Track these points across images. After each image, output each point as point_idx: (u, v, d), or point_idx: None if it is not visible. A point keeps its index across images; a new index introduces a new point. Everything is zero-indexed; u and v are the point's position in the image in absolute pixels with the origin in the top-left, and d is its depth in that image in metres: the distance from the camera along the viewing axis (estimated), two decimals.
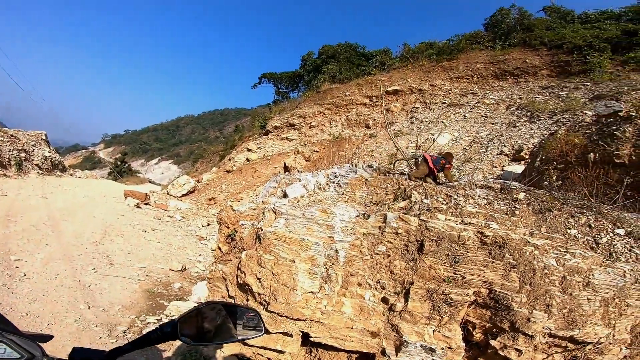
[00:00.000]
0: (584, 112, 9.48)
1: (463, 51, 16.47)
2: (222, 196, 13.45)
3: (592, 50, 12.79)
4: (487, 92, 14.02)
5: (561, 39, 14.07)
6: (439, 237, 2.58)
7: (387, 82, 17.08)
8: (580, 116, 9.38)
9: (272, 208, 3.02)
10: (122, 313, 4.54)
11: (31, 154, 14.64)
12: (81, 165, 62.23)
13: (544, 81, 13.41)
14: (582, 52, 13.02)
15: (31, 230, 6.58)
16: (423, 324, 2.73)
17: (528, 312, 2.44)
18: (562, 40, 13.99)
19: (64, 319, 4.02)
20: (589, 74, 12.21)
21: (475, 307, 2.70)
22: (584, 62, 12.75)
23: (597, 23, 14.99)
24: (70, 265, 5.48)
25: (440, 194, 2.93)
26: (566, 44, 13.73)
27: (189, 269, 6.82)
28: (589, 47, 12.96)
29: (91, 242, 6.83)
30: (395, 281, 2.74)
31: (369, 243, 2.74)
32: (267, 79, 26.61)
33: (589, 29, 14.30)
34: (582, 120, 8.46)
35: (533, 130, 9.98)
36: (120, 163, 39.11)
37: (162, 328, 0.96)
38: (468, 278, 2.55)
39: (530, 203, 2.88)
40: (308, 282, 2.75)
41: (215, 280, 3.40)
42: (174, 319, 0.98)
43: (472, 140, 10.87)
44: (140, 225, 9.06)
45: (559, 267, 2.49)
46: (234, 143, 21.70)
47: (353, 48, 22.59)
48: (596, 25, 14.65)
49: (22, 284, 4.57)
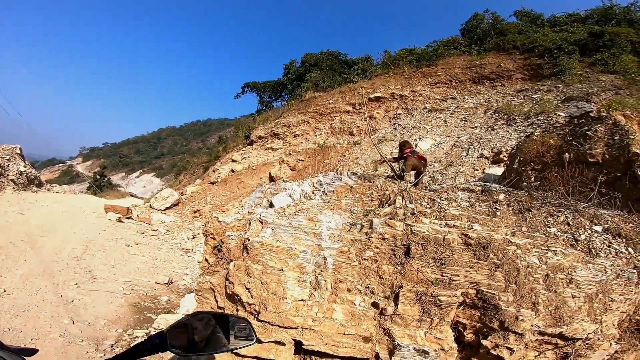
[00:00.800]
0: (557, 113, 9.86)
1: (441, 57, 16.93)
2: (207, 208, 13.27)
3: (562, 52, 13.35)
4: (465, 96, 14.43)
5: (532, 43, 14.65)
6: (425, 240, 2.63)
7: (369, 89, 17.36)
8: (554, 118, 9.75)
9: (259, 218, 3.01)
10: (109, 327, 4.45)
11: (6, 169, 14.10)
12: (59, 180, 60.21)
13: (518, 84, 13.91)
14: (553, 54, 13.58)
15: (8, 247, 6.37)
16: (414, 327, 2.75)
17: (516, 311, 2.49)
18: (533, 43, 14.56)
19: (48, 334, 3.93)
20: (560, 76, 12.73)
21: (464, 308, 2.74)
22: (554, 65, 13.29)
23: (565, 26, 15.72)
24: (51, 281, 5.36)
25: (424, 198, 3.00)
26: (537, 48, 14.29)
27: (176, 281, 6.70)
28: (558, 50, 13.53)
29: (72, 257, 6.64)
30: (384, 285, 2.77)
31: (357, 249, 2.77)
32: (250, 89, 26.61)
33: (558, 32, 14.97)
34: (556, 122, 8.80)
35: (510, 132, 10.31)
36: (99, 177, 38.08)
37: (151, 339, 0.94)
38: (455, 279, 2.60)
39: (510, 204, 2.98)
40: (297, 290, 2.74)
41: (204, 291, 3.34)
42: (162, 330, 0.97)
43: (454, 145, 11.13)
44: (123, 239, 8.84)
45: (541, 265, 2.56)
46: (218, 154, 21.51)
47: (335, 56, 22.89)
48: (564, 28, 15.35)
49: (1, 299, 4.45)
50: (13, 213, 9.48)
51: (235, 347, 1.16)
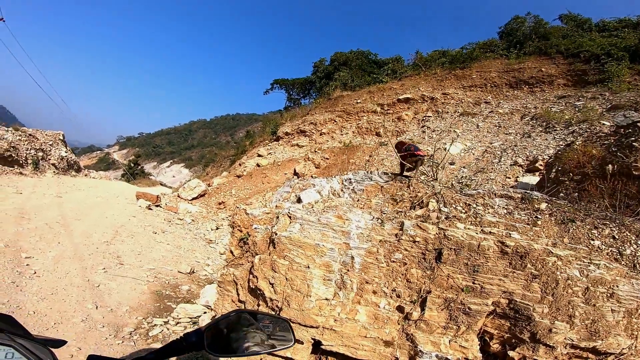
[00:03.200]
0: (601, 122, 9.28)
1: (477, 59, 16.38)
2: (231, 200, 13.51)
3: (610, 59, 12.57)
4: (501, 101, 13.88)
5: (578, 48, 13.87)
6: (458, 246, 2.52)
7: (399, 90, 17.06)
8: (597, 127, 9.19)
9: (287, 212, 3.00)
10: (130, 314, 4.50)
11: (48, 153, 15.00)
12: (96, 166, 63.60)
13: (560, 90, 13.21)
14: (600, 60, 12.80)
15: (44, 229, 6.65)
16: (439, 334, 2.66)
17: (550, 323, 2.38)
18: (579, 48, 13.79)
19: (71, 318, 3.98)
20: (607, 84, 11.98)
21: (493, 317, 2.63)
22: (601, 71, 12.52)
23: (614, 31, 14.76)
24: (80, 264, 5.50)
25: (459, 202, 2.88)
26: (583, 53, 13.52)
27: (197, 271, 6.79)
28: (606, 56, 12.74)
29: (102, 241, 6.87)
30: (411, 290, 2.68)
31: (385, 250, 2.70)
32: (279, 85, 26.89)
33: (607, 38, 14.08)
34: (599, 131, 8.29)
35: (548, 140, 9.81)
36: (133, 165, 39.79)
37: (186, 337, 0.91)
38: (487, 288, 2.49)
39: (553, 213, 2.81)
40: (322, 289, 2.71)
41: (226, 284, 3.37)
42: (200, 328, 0.93)
43: (485, 150, 10.73)
44: (151, 226, 9.13)
45: (582, 278, 2.43)
46: (245, 148, 21.88)
47: (365, 55, 22.68)
48: (614, 34, 14.43)
49: (31, 281, 4.55)
50: (51, 195, 10.02)
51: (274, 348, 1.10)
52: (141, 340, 3.99)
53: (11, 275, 4.56)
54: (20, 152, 12.98)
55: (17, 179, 11.38)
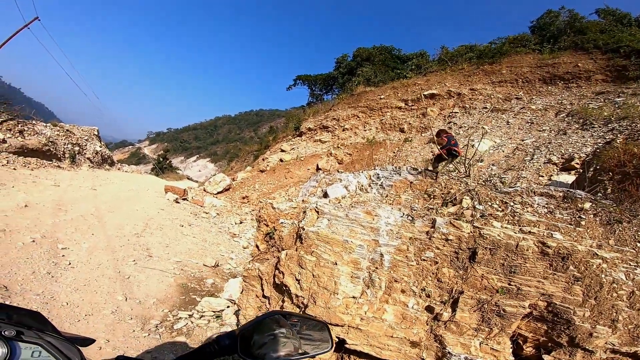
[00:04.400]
0: None
1: (507, 54, 15.72)
2: (255, 195, 13.69)
3: None
4: (533, 97, 13.25)
5: (618, 43, 13.06)
6: (494, 245, 2.41)
7: (424, 86, 16.66)
8: (638, 124, 8.60)
9: (315, 207, 2.97)
10: (156, 306, 4.57)
11: (84, 148, 15.73)
12: (128, 160, 66.25)
13: (598, 86, 12.46)
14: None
15: (79, 220, 6.91)
16: (470, 336, 2.56)
17: (591, 327, 2.26)
18: (619, 43, 12.97)
19: (102, 310, 4.05)
20: None
21: (529, 320, 2.51)
22: None
23: None
24: (112, 256, 5.65)
25: (495, 200, 2.75)
26: (623, 48, 12.72)
27: (222, 265, 6.88)
28: None
29: (133, 234, 7.08)
30: (442, 289, 2.60)
31: (416, 248, 2.62)
32: (302, 81, 26.93)
33: None
34: None
35: (585, 138, 9.27)
36: (162, 159, 41.05)
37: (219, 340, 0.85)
38: (524, 289, 2.37)
39: (597, 214, 2.63)
40: (350, 287, 2.67)
41: (251, 279, 3.38)
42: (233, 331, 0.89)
43: (516, 148, 10.29)
44: (178, 220, 9.37)
45: (628, 281, 2.29)
46: (268, 143, 22.09)
47: (388, 51, 22.29)
48: None
49: (66, 272, 4.66)
50: (86, 188, 10.47)
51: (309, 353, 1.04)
52: (166, 333, 4.05)
53: (47, 266, 4.68)
54: (58, 146, 13.67)
55: (55, 172, 11.97)
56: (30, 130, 12.80)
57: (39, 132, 13.19)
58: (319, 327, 1.09)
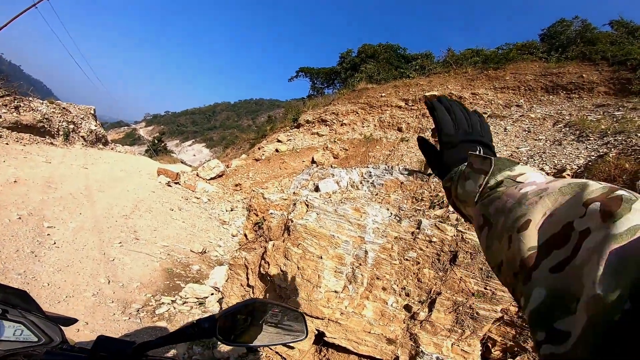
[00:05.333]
0: (638, 135, 8.77)
1: (512, 61, 15.67)
2: (248, 183, 13.66)
3: None
4: (534, 105, 13.29)
5: (625, 55, 13.04)
6: (475, 250, 2.46)
7: (426, 87, 16.63)
8: (634, 139, 8.67)
9: (305, 200, 3.00)
10: (139, 290, 4.52)
11: (79, 126, 15.56)
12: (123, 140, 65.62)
13: (599, 99, 12.50)
14: None
15: (68, 198, 6.81)
16: (443, 336, 2.63)
17: None
18: (627, 56, 12.95)
19: (83, 292, 4.00)
20: None
21: (500, 324, 2.59)
22: None
23: None
24: (98, 237, 5.56)
25: None
26: (630, 61, 12.70)
27: (209, 252, 6.80)
28: None
29: (121, 215, 6.98)
30: (421, 289, 2.65)
31: (400, 248, 2.66)
32: (305, 73, 26.76)
33: None
34: (635, 144, 7.83)
35: (580, 150, 9.35)
36: (157, 142, 40.77)
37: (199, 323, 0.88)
38: (499, 294, 2.44)
39: None
40: (333, 281, 2.71)
41: (237, 267, 3.41)
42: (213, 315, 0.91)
43: (511, 155, 10.36)
44: (169, 203, 9.29)
45: None
46: (265, 133, 21.98)
47: (393, 49, 22.19)
48: None
49: (49, 252, 4.58)
50: (78, 166, 10.32)
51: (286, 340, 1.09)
52: (147, 317, 4.02)
53: (31, 245, 4.60)
54: (53, 123, 13.49)
55: (48, 148, 11.83)
56: (26, 107, 12.62)
57: (35, 108, 13.01)
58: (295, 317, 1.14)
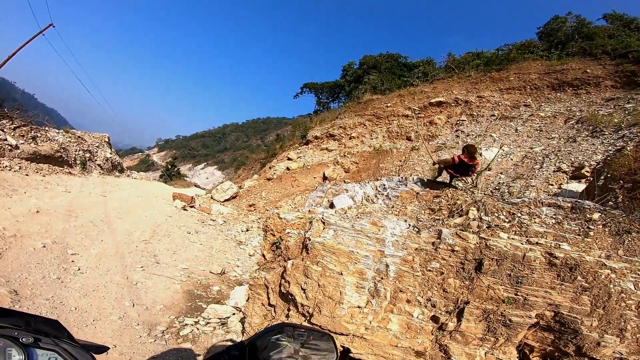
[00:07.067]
0: None
1: (514, 61, 15.67)
2: (261, 203, 13.75)
3: None
4: (542, 104, 13.16)
5: (626, 48, 12.94)
6: (501, 256, 2.40)
7: (431, 94, 16.66)
8: None
9: (321, 218, 3.00)
10: (163, 313, 4.61)
11: (95, 154, 16.03)
12: (137, 167, 67.21)
13: (607, 93, 12.32)
14: None
15: (89, 226, 7.02)
16: (475, 345, 2.55)
17: (598, 336, 2.25)
18: (628, 49, 12.86)
19: (109, 316, 4.10)
20: None
21: (536, 330, 2.50)
22: None
23: None
24: (120, 262, 5.72)
25: (502, 211, 2.75)
26: (632, 53, 12.59)
27: (228, 272, 6.90)
28: None
29: (141, 240, 7.16)
30: (447, 300, 2.59)
31: (422, 259, 2.62)
32: (309, 89, 27.16)
33: None
34: None
35: (596, 145, 9.16)
36: (170, 167, 41.49)
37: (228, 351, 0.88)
38: (531, 300, 2.36)
39: (606, 224, 2.61)
40: (355, 296, 2.67)
41: (257, 287, 3.41)
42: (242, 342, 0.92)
43: (525, 156, 10.20)
44: (186, 227, 9.44)
45: (637, 291, 2.29)
46: (275, 152, 22.22)
47: (395, 58, 22.39)
48: None
49: (75, 278, 4.74)
50: (96, 194, 10.64)
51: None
52: (172, 339, 4.08)
53: (57, 271, 4.76)
54: (69, 153, 13.95)
55: (67, 178, 12.21)
56: (43, 137, 13.10)
57: (52, 138, 13.49)
58: (325, 338, 1.12)
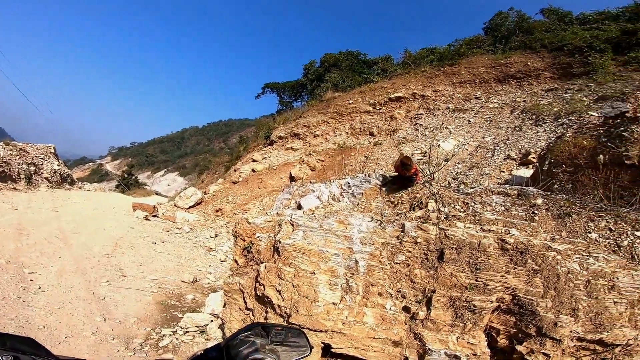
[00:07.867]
0: (589, 113, 9.46)
1: (464, 56, 16.56)
2: (229, 207, 13.49)
3: (593, 51, 12.81)
4: (490, 96, 14.06)
5: (561, 41, 14.13)
6: (459, 245, 2.59)
7: (390, 89, 17.18)
8: (586, 118, 9.37)
9: (290, 220, 3.05)
10: (138, 325, 4.52)
11: (40, 167, 14.80)
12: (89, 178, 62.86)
13: (547, 84, 13.42)
14: (584, 53, 13.04)
15: (43, 243, 6.62)
16: (446, 332, 2.72)
17: (554, 317, 2.45)
18: (563, 42, 14.04)
19: (81, 332, 3.99)
20: (592, 75, 12.19)
21: (499, 313, 2.70)
22: (585, 64, 12.74)
23: (595, 24, 15.06)
24: (83, 278, 5.50)
25: (457, 201, 2.95)
26: (567, 46, 13.77)
27: (200, 280, 6.79)
28: (589, 48, 12.97)
29: (103, 254, 6.85)
30: (416, 290, 2.74)
31: (388, 253, 2.75)
32: (271, 89, 26.90)
33: (588, 30, 14.36)
34: (588, 122, 8.45)
35: (539, 133, 9.97)
36: (127, 175, 39.32)
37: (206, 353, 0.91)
38: (490, 285, 2.55)
39: (549, 208, 2.88)
40: (329, 294, 2.76)
41: (233, 292, 3.41)
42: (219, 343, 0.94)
43: (478, 145, 10.87)
44: (150, 237, 9.10)
45: (582, 271, 2.50)
46: (239, 154, 21.82)
47: (354, 56, 22.80)
48: (595, 26, 14.71)
49: (37, 296, 4.56)
50: (47, 210, 9.91)
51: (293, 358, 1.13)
52: (152, 351, 4.01)
53: (16, 290, 4.54)
54: (12, 167, 12.78)
55: (12, 194, 11.24)
56: None
57: None
58: (297, 334, 1.18)
